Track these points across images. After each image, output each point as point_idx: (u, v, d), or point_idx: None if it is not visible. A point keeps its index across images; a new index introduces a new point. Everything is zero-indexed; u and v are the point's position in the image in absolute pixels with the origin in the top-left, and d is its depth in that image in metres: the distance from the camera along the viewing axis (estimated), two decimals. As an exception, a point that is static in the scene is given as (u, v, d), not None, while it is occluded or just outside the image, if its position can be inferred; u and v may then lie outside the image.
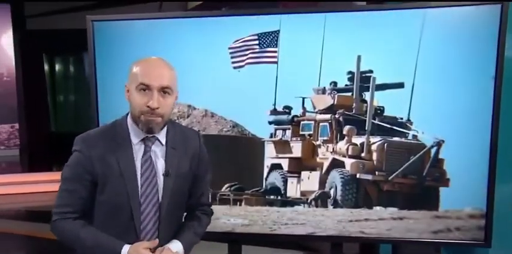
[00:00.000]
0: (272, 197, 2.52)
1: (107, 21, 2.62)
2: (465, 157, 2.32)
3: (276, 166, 2.52)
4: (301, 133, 2.51)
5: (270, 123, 2.50)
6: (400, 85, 2.35)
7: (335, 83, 2.43)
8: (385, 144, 2.41)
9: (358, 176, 2.42)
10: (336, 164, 2.45)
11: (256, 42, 2.44)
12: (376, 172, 2.42)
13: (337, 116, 2.46)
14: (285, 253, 3.61)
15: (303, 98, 2.46)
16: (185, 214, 1.84)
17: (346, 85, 2.43)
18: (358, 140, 2.44)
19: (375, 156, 2.42)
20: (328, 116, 2.48)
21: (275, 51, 2.44)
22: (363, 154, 2.43)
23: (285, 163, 2.51)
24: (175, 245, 1.69)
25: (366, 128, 2.42)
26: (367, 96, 2.42)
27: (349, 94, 2.44)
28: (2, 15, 7.70)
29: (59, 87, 8.57)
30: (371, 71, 2.38)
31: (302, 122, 2.51)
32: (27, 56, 7.76)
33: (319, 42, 2.38)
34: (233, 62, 2.47)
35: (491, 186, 2.28)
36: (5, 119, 7.72)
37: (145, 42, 2.52)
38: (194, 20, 2.50)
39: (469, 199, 2.35)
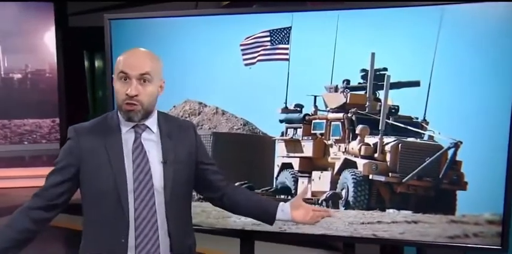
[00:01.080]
0: (282, 197, 2.48)
1: (123, 19, 2.66)
2: (484, 160, 2.20)
3: (286, 166, 2.48)
4: (312, 132, 2.45)
5: (281, 121, 2.46)
6: (416, 83, 2.25)
7: (348, 81, 2.36)
8: (400, 145, 2.32)
9: (370, 177, 2.34)
10: (348, 164, 2.38)
11: (268, 38, 2.40)
12: (390, 174, 2.33)
13: (349, 115, 2.39)
14: (298, 250, 3.57)
15: (315, 96, 2.41)
16: (223, 196, 1.92)
17: (359, 83, 2.36)
18: (371, 140, 2.36)
19: (388, 156, 2.34)
20: (340, 115, 2.41)
21: (287, 48, 2.39)
22: (376, 155, 2.35)
23: (295, 163, 2.46)
24: (285, 205, 1.86)
25: (380, 128, 2.34)
26: (381, 94, 2.33)
27: (363, 92, 2.37)
28: (46, 13, 7.96)
29: (98, 83, 8.79)
30: (385, 69, 2.29)
31: (314, 121, 2.45)
32: (69, 52, 8.00)
33: (332, 38, 2.31)
34: (244, 59, 2.44)
35: (509, 190, 2.15)
36: (46, 114, 8.01)
37: (158, 39, 2.53)
38: (206, 18, 2.49)
39: (488, 203, 2.23)
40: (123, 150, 1.71)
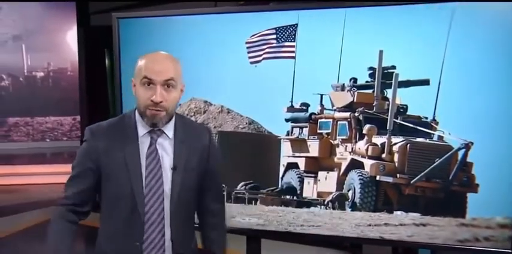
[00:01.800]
0: (288, 197, 2.44)
1: (131, 18, 2.67)
2: (496, 161, 2.12)
3: (292, 165, 2.44)
4: (318, 131, 2.41)
5: (287, 120, 2.42)
6: (426, 82, 2.19)
7: (355, 79, 2.31)
8: (408, 145, 2.26)
9: (378, 178, 2.28)
10: (355, 165, 2.33)
11: (274, 36, 2.37)
12: (398, 175, 2.27)
13: (356, 114, 2.34)
14: (305, 249, 3.51)
15: (321, 95, 2.36)
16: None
17: (366, 81, 2.30)
18: (378, 140, 2.30)
19: (396, 157, 2.28)
20: (347, 114, 2.36)
21: (293, 46, 2.35)
22: (383, 155, 2.29)
23: (301, 163, 2.43)
24: None
25: (388, 127, 2.28)
26: (389, 93, 2.27)
27: (370, 91, 2.31)
28: (68, 13, 8.06)
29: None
30: (394, 67, 2.24)
31: (320, 120, 2.41)
32: (90, 51, 8.08)
33: (339, 36, 2.26)
34: (250, 57, 2.41)
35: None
36: (67, 111, 8.12)
37: (165, 38, 2.53)
38: (211, 16, 2.47)
39: (500, 206, 2.14)
40: (140, 154, 1.69)
